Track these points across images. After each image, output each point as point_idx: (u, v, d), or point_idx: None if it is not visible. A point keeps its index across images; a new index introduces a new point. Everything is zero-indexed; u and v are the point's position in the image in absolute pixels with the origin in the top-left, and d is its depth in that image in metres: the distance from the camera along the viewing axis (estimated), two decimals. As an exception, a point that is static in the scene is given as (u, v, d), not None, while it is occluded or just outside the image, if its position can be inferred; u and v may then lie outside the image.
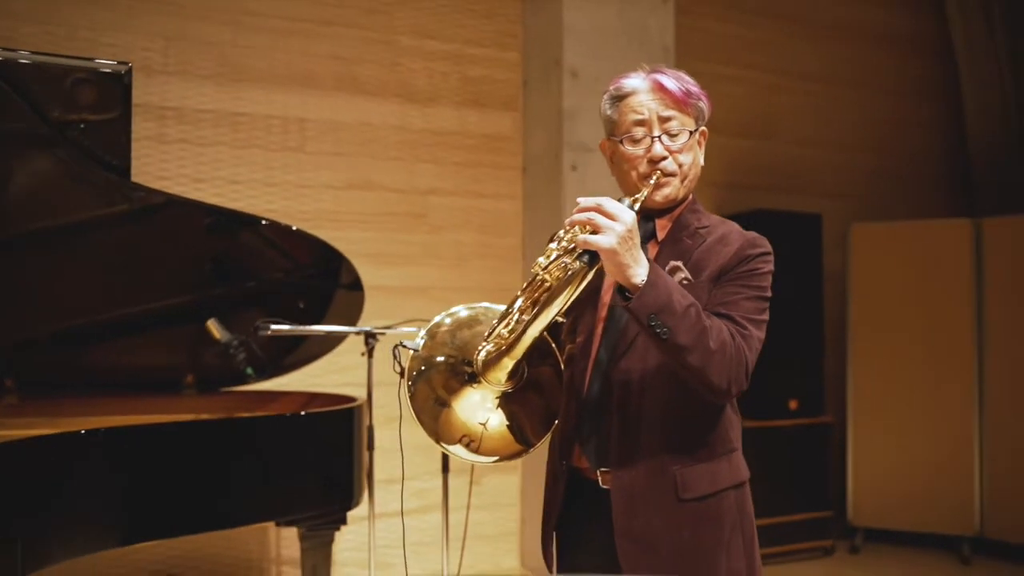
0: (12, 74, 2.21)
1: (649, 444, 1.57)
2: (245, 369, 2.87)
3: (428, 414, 1.58)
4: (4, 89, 2.19)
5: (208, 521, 2.48)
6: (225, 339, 2.79)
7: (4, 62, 2.19)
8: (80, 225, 2.81)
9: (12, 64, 2.20)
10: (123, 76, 2.33)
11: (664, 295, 1.44)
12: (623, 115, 1.70)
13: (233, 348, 2.78)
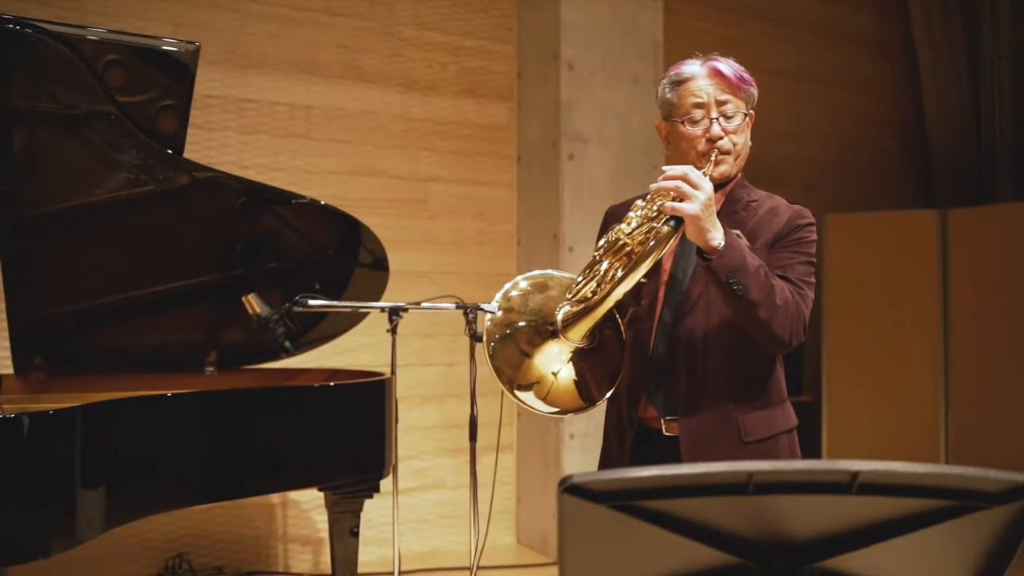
0: (82, 49, 2.28)
1: (713, 394, 1.75)
2: (284, 343, 2.97)
3: (509, 364, 1.73)
4: (75, 64, 2.26)
5: (270, 484, 2.61)
6: (265, 313, 2.88)
7: (75, 37, 2.27)
8: (119, 203, 2.87)
9: (80, 39, 2.27)
10: (191, 55, 2.43)
11: (739, 256, 1.61)
12: (682, 98, 1.86)
13: (272, 322, 2.88)
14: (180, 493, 2.35)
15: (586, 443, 4.49)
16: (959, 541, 1.04)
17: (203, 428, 2.42)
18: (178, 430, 2.35)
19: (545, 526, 4.57)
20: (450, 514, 4.70)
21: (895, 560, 1.07)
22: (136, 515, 2.20)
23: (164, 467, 2.35)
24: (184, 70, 2.47)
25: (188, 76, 2.49)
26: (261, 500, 4.24)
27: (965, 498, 0.99)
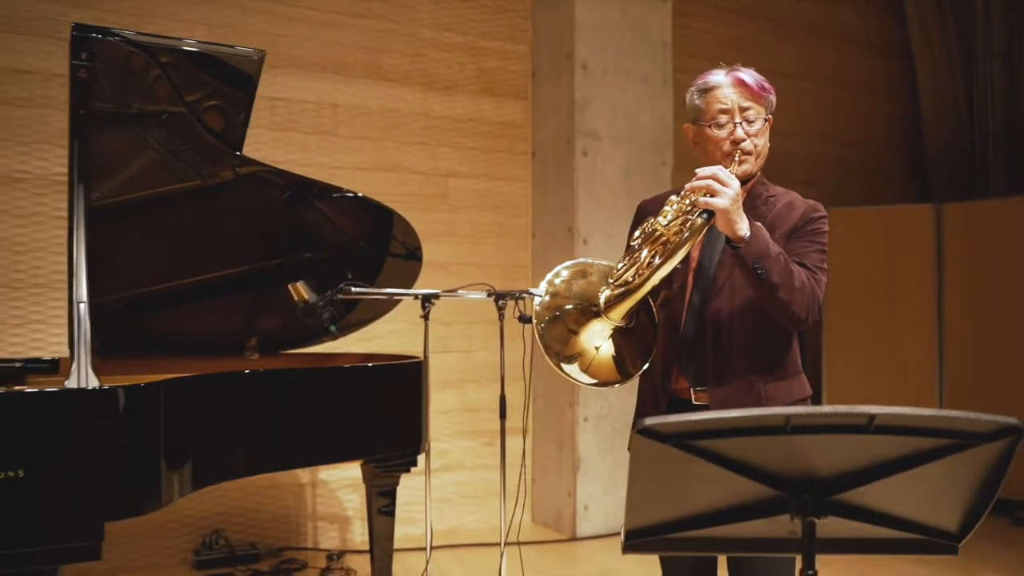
0: (168, 58, 2.49)
1: (738, 366, 1.96)
2: (329, 327, 3.19)
3: (557, 341, 1.94)
4: (150, 68, 2.47)
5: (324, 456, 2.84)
6: (313, 299, 3.10)
7: (162, 47, 2.47)
8: (168, 196, 3.06)
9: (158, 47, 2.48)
10: (257, 62, 2.64)
11: (763, 244, 1.83)
12: (709, 104, 2.08)
13: (319, 308, 3.10)
14: (247, 462, 2.57)
15: (600, 425, 4.72)
16: (956, 474, 1.27)
17: (268, 402, 2.64)
18: (246, 404, 2.57)
19: (559, 505, 4.80)
20: (470, 494, 4.93)
21: (901, 493, 1.30)
22: (209, 481, 2.42)
23: (233, 438, 2.56)
24: (247, 78, 2.68)
25: (251, 83, 2.70)
26: (291, 480, 4.46)
27: (962, 437, 1.21)
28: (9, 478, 1.88)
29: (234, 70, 2.65)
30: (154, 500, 2.15)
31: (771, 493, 1.30)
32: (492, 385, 4.93)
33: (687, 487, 1.30)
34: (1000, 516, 5.02)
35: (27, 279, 3.95)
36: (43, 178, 3.98)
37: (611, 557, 4.36)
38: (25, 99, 3.95)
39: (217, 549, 4.14)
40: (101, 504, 2.01)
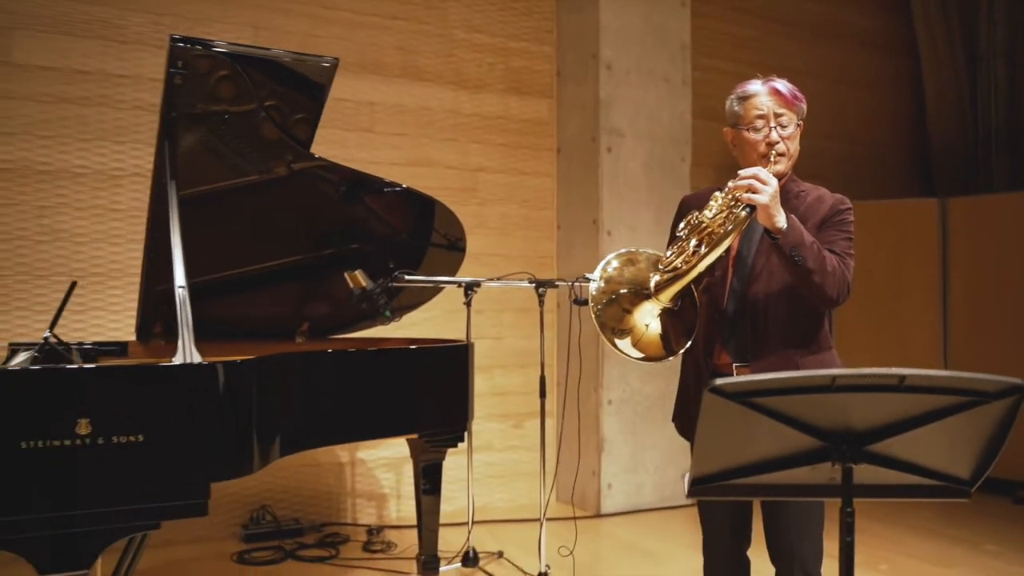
0: (248, 65, 2.74)
1: (776, 343, 2.21)
2: (385, 311, 3.44)
3: (612, 319, 2.18)
4: (241, 76, 2.72)
5: (383, 429, 3.09)
6: (370, 287, 3.34)
7: (245, 56, 2.72)
8: (229, 190, 3.28)
9: (243, 56, 2.72)
10: (330, 69, 2.89)
11: (799, 234, 2.08)
12: (747, 111, 2.32)
13: (375, 295, 3.34)
14: (322, 433, 2.83)
15: (622, 409, 4.98)
16: (969, 428, 1.52)
17: (343, 380, 2.90)
18: (324, 380, 2.83)
19: (583, 484, 5.05)
20: (497, 474, 5.19)
21: (923, 444, 1.55)
22: (291, 450, 2.67)
23: (313, 411, 2.82)
24: (319, 84, 2.93)
25: (323, 87, 2.95)
26: (332, 459, 4.72)
27: (975, 395, 1.46)
28: (131, 442, 2.13)
29: (304, 76, 2.88)
30: (248, 465, 2.40)
31: (816, 444, 1.55)
32: (519, 370, 5.20)
33: (746, 440, 1.55)
34: (1002, 496, 5.28)
35: (87, 268, 4.19)
36: (101, 173, 4.23)
37: (634, 532, 4.62)
38: (86, 98, 4.20)
39: (264, 524, 4.40)
40: (206, 467, 2.27)
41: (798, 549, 2.21)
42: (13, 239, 4.05)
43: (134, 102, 4.29)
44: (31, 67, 4.09)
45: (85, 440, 2.09)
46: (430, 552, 3.65)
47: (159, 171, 2.79)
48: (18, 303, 4.06)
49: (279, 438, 2.59)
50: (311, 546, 4.27)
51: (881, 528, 4.69)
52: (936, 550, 4.29)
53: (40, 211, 4.10)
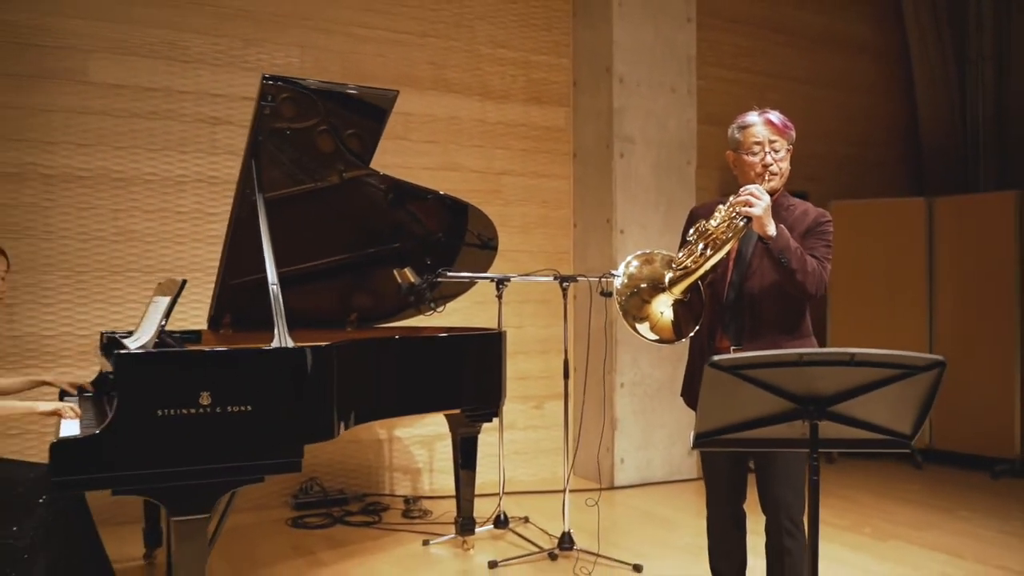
0: (325, 97, 3.24)
1: (768, 328, 2.68)
2: (431, 304, 3.94)
3: (634, 308, 2.66)
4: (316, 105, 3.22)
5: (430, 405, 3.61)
6: (417, 282, 3.84)
7: (321, 90, 3.22)
8: (291, 197, 3.74)
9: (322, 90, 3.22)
10: (389, 104, 3.39)
11: (785, 241, 2.55)
12: (746, 138, 2.79)
13: (422, 289, 3.84)
14: (385, 406, 3.34)
15: (634, 391, 5.47)
16: (907, 394, 2.00)
17: (402, 361, 3.41)
18: (386, 362, 3.34)
19: (599, 460, 5.54)
20: (520, 451, 5.69)
21: (873, 406, 2.04)
22: (360, 420, 3.17)
23: (377, 387, 3.34)
24: (379, 110, 3.43)
25: (383, 111, 3.43)
26: (372, 436, 5.23)
27: (908, 368, 1.95)
28: (241, 411, 2.63)
29: (369, 104, 3.38)
30: (330, 431, 2.91)
31: (790, 406, 2.03)
32: (540, 356, 5.70)
33: (737, 403, 2.03)
34: (983, 471, 5.77)
35: (156, 265, 4.69)
36: (167, 179, 4.72)
37: (646, 502, 5.12)
38: (153, 112, 4.69)
39: (312, 494, 4.90)
40: (299, 431, 2.77)
41: (783, 498, 2.69)
42: (92, 239, 4.55)
43: (195, 115, 4.78)
44: (106, 85, 4.58)
45: (206, 409, 2.59)
46: (467, 515, 4.17)
47: (245, 183, 3.28)
48: (97, 297, 4.56)
49: (354, 410, 3.10)
50: (356, 513, 4.77)
51: (869, 498, 5.18)
52: (915, 516, 4.78)
53: (115, 214, 4.60)
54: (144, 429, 2.54)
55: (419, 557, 4.05)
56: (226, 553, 4.03)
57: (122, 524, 4.20)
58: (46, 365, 4.40)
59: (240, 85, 4.85)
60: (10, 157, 4.36)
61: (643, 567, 3.80)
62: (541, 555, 3.97)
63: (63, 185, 4.47)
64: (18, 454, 4.03)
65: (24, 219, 4.39)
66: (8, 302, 4.31)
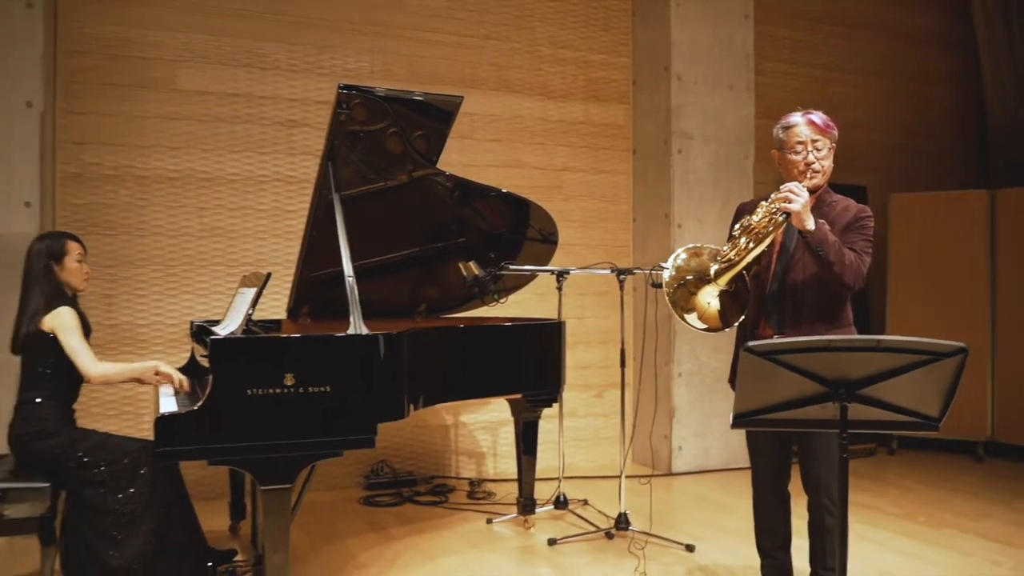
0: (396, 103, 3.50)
1: (808, 317, 2.84)
2: (494, 295, 4.18)
3: (682, 299, 2.84)
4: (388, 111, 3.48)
5: (495, 390, 3.84)
6: (482, 275, 4.08)
7: (391, 97, 3.48)
8: (364, 195, 3.99)
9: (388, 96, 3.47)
10: (455, 108, 3.63)
11: (823, 235, 2.70)
12: (789, 138, 2.94)
13: (486, 281, 4.08)
14: (451, 390, 3.59)
15: (691, 380, 5.63)
16: (933, 378, 2.15)
17: (469, 348, 3.66)
18: (454, 349, 3.59)
19: (656, 447, 5.72)
20: (580, 437, 5.90)
21: (901, 390, 2.19)
22: (429, 403, 3.43)
23: (445, 372, 3.59)
24: (445, 113, 3.66)
25: (449, 115, 3.67)
26: (439, 422, 5.49)
27: (932, 354, 2.10)
28: (321, 391, 2.91)
29: (436, 108, 3.62)
30: (400, 411, 3.16)
31: (821, 389, 2.20)
32: (599, 346, 5.90)
33: (771, 386, 2.21)
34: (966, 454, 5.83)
35: (238, 259, 5.02)
36: (249, 179, 5.05)
37: (702, 488, 5.28)
38: (235, 117, 5.01)
39: (383, 475, 5.19)
40: (373, 410, 3.03)
41: (823, 479, 2.85)
42: (179, 235, 4.90)
43: (274, 119, 5.10)
44: (192, 92, 4.92)
45: (290, 389, 2.87)
46: (528, 496, 4.40)
47: (322, 184, 3.55)
48: (185, 288, 4.91)
49: (422, 393, 3.35)
50: (424, 494, 5.04)
51: (927, 489, 5.25)
52: (971, 507, 4.84)
53: (200, 212, 4.94)
54: (236, 406, 2.83)
55: (483, 534, 4.29)
56: (305, 527, 4.34)
57: (209, 499, 4.54)
58: (140, 351, 4.76)
59: (315, 89, 5.15)
60: (108, 160, 4.73)
61: (695, 547, 3.98)
62: (598, 534, 4.18)
63: (155, 185, 4.83)
64: (117, 431, 4.39)
65: (120, 217, 4.76)
66: (106, 293, 4.69)
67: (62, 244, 3.40)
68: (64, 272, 3.37)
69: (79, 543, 3.14)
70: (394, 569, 3.75)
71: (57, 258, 3.36)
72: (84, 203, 4.69)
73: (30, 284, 3.33)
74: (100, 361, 3.28)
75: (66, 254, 3.39)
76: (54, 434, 3.20)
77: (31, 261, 3.36)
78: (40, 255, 3.36)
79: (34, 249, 3.38)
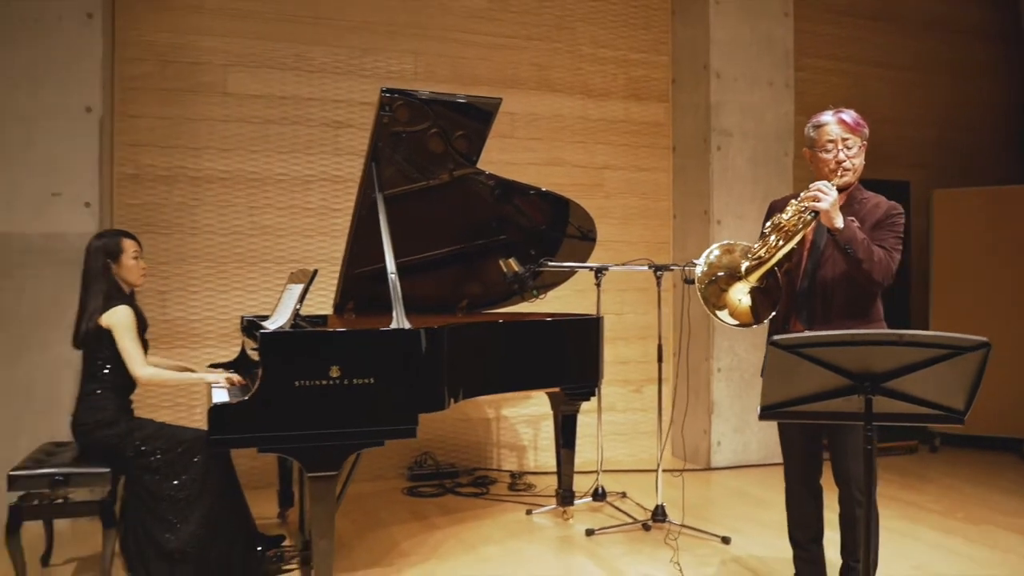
0: (437, 105, 3.61)
1: (838, 313, 2.89)
2: (533, 291, 4.28)
3: (713, 295, 2.91)
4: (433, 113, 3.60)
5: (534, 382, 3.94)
6: (521, 271, 4.18)
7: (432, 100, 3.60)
8: (406, 194, 4.11)
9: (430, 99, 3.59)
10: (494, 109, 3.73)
11: (851, 233, 2.75)
12: (821, 136, 2.99)
13: (525, 277, 4.18)
14: (490, 383, 3.70)
15: (731, 376, 5.67)
16: (955, 371, 2.20)
17: (508, 342, 3.77)
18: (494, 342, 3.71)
19: (696, 442, 5.77)
20: (619, 432, 5.97)
21: (925, 383, 2.24)
22: (469, 395, 3.54)
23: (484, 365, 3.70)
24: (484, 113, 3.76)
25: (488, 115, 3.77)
26: (480, 415, 5.61)
27: (956, 348, 2.15)
28: (365, 383, 3.03)
29: (476, 108, 3.73)
30: (441, 403, 3.28)
31: (846, 382, 2.26)
32: (639, 342, 5.96)
33: (797, 379, 2.27)
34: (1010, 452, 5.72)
35: (286, 256, 5.19)
36: (296, 179, 5.20)
37: (740, 482, 5.32)
38: (283, 118, 5.18)
39: (426, 467, 5.32)
40: (414, 402, 3.15)
41: (853, 471, 2.90)
42: (230, 233, 5.08)
43: (321, 120, 5.25)
44: (242, 95, 5.09)
45: (336, 381, 3.00)
46: (567, 487, 4.49)
47: (367, 184, 3.68)
48: (235, 285, 5.09)
49: (462, 385, 3.46)
50: (466, 485, 5.16)
51: (969, 487, 5.23)
52: (1011, 504, 4.82)
53: (250, 210, 5.11)
54: (284, 397, 2.97)
55: (522, 524, 4.39)
56: (350, 515, 4.48)
57: (259, 488, 4.71)
58: (193, 346, 4.95)
59: (359, 91, 5.29)
60: (162, 161, 4.92)
61: (731, 539, 4.04)
62: (635, 526, 4.26)
63: (206, 185, 5.01)
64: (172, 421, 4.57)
65: (174, 216, 4.95)
66: (160, 289, 4.88)
67: (118, 242, 3.57)
68: (121, 269, 3.54)
69: (137, 526, 3.31)
70: (436, 557, 3.87)
71: (114, 256, 3.53)
72: (140, 203, 4.88)
73: (89, 282, 3.51)
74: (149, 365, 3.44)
75: (122, 252, 3.55)
76: (113, 423, 3.37)
77: (89, 259, 3.53)
78: (98, 253, 3.53)
79: (92, 248, 3.55)
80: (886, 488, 5.09)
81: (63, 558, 3.77)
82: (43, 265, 4.27)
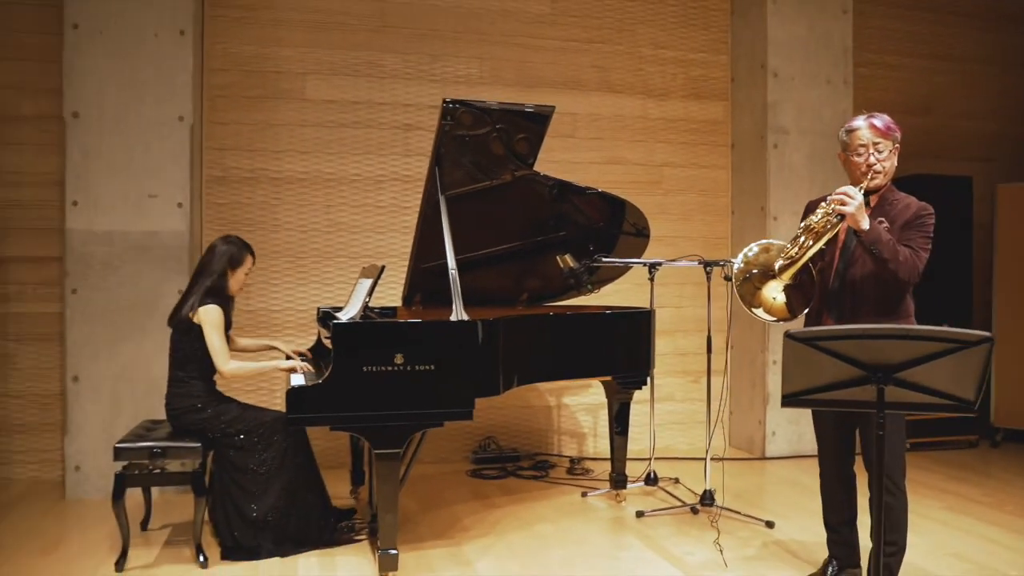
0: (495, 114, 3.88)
1: (867, 311, 3.05)
2: (587, 285, 4.52)
3: (749, 293, 3.11)
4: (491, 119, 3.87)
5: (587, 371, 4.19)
6: (576, 267, 4.43)
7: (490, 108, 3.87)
8: (470, 193, 4.38)
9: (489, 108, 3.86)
10: (549, 113, 3.98)
11: (876, 234, 2.91)
12: (853, 140, 3.15)
13: (580, 272, 4.43)
14: (544, 371, 3.97)
15: (785, 368, 5.80)
16: (962, 363, 2.37)
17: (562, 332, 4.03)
18: (548, 333, 3.97)
19: (751, 432, 5.93)
20: (677, 421, 6.16)
21: (936, 374, 2.42)
22: (523, 382, 3.81)
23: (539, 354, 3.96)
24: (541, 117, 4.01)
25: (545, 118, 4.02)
26: (542, 403, 5.87)
27: (960, 343, 2.32)
28: (427, 369, 3.33)
29: (534, 114, 3.97)
30: (496, 388, 3.55)
31: (860, 372, 2.45)
32: (697, 334, 6.13)
33: (815, 369, 2.47)
34: None
35: (360, 252, 5.53)
36: (369, 179, 5.54)
37: (795, 472, 5.47)
38: (357, 122, 5.52)
39: (489, 451, 5.60)
40: (471, 387, 3.44)
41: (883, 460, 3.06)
42: (308, 230, 5.45)
43: (392, 123, 5.57)
44: (319, 101, 5.45)
45: (400, 367, 3.31)
46: (620, 472, 4.72)
47: (431, 185, 3.97)
48: (313, 279, 5.46)
49: (516, 372, 3.74)
50: (527, 469, 5.43)
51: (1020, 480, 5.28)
52: (1067, 496, 4.87)
53: (327, 209, 5.47)
54: (354, 381, 3.29)
55: (577, 505, 4.65)
56: (416, 494, 4.80)
57: (333, 468, 5.06)
58: (273, 335, 5.33)
59: (428, 95, 5.59)
60: (245, 164, 5.32)
61: (775, 523, 4.22)
62: (684, 509, 4.47)
63: (286, 186, 5.39)
64: (254, 403, 4.97)
65: (256, 215, 5.34)
66: (244, 282, 5.27)
67: (243, 254, 3.92)
68: (233, 278, 3.89)
69: (224, 496, 3.69)
70: (494, 533, 4.15)
71: (235, 264, 3.88)
72: (226, 203, 5.29)
73: (202, 275, 3.83)
74: (232, 361, 3.77)
75: (242, 264, 3.91)
76: (201, 409, 3.74)
77: (213, 258, 3.85)
78: (223, 256, 3.86)
79: (218, 249, 3.89)
80: (933, 479, 5.18)
81: (159, 523, 4.19)
82: (142, 260, 4.69)
